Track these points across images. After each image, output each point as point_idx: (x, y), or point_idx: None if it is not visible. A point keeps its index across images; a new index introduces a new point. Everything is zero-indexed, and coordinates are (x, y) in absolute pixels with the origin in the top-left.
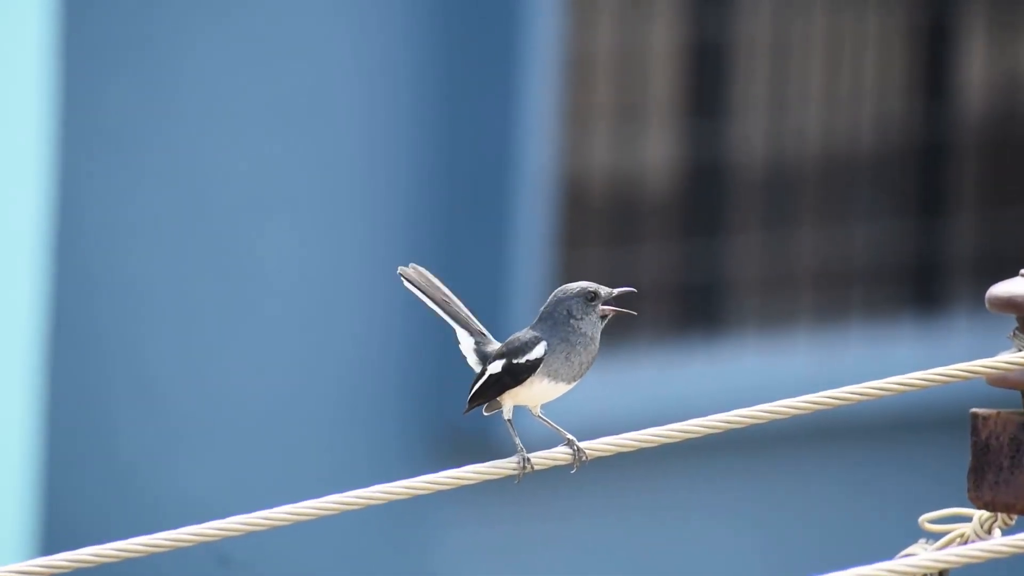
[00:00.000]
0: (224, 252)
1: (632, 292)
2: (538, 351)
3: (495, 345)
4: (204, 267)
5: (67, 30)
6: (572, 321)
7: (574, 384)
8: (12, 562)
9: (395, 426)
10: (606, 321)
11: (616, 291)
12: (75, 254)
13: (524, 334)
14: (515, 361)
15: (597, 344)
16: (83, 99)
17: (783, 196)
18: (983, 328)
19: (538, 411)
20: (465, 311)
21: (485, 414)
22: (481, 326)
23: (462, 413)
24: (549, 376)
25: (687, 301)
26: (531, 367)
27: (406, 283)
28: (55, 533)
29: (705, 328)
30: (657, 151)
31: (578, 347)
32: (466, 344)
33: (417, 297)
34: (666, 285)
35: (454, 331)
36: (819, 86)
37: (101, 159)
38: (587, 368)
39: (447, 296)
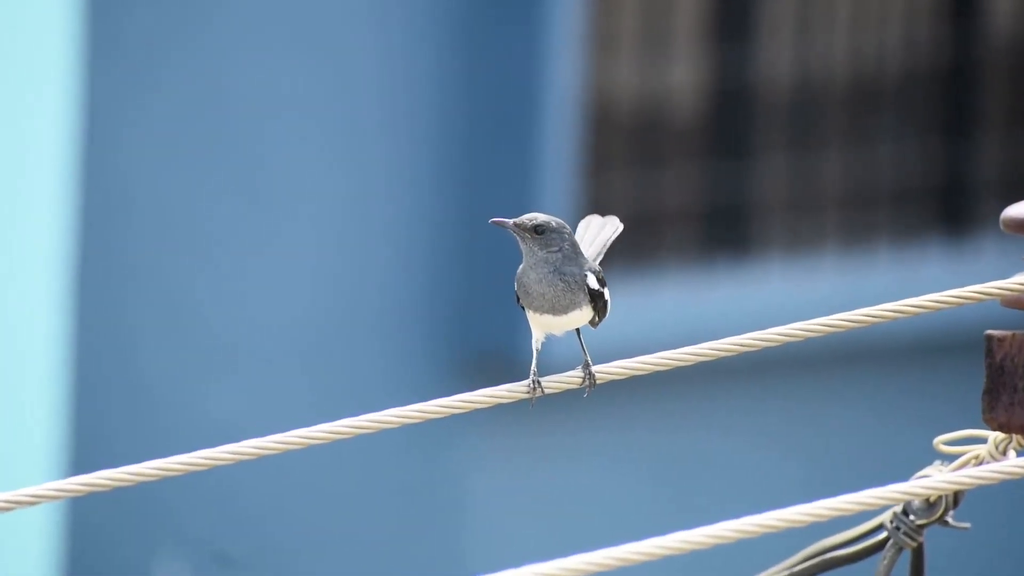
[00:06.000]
0: (251, 173)
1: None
2: (517, 282)
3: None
4: (230, 188)
5: None
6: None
7: (565, 315)
8: (38, 483)
9: (422, 347)
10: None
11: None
12: (102, 176)
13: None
14: (516, 290)
15: (547, 274)
16: (111, 21)
17: (809, 119)
18: (1010, 249)
19: (562, 334)
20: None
21: (593, 328)
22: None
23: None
24: (529, 307)
25: (713, 224)
26: (519, 297)
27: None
28: (81, 456)
29: (731, 251)
30: (683, 74)
31: (522, 279)
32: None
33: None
34: (692, 208)
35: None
36: (846, 7)
37: (128, 79)
38: (555, 299)
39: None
